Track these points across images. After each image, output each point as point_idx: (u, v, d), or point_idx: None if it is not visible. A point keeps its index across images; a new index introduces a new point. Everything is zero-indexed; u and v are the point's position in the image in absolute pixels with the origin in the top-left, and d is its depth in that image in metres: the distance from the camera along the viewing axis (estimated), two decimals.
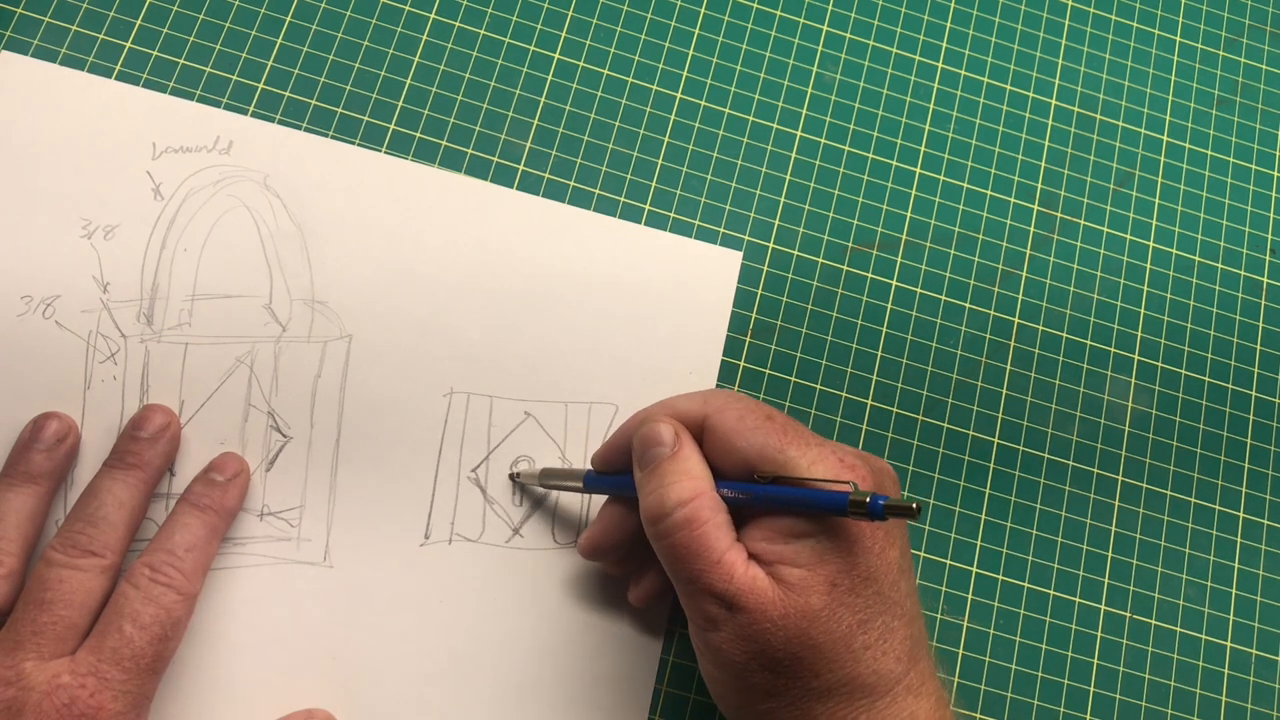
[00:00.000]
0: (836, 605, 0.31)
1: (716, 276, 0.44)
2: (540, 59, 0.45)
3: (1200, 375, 0.46)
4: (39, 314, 0.39)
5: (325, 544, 0.39)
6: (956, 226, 0.46)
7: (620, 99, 0.45)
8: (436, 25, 0.45)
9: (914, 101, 0.47)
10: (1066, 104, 0.49)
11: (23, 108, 0.41)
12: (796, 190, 0.45)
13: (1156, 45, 0.50)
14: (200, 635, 0.37)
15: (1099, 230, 0.47)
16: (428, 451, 0.40)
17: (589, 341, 0.42)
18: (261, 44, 0.44)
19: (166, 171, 0.41)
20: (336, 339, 0.40)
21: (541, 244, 0.43)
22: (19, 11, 0.43)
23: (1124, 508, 0.44)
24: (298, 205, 0.41)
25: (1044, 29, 0.49)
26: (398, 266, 0.41)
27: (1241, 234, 0.48)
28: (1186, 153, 0.49)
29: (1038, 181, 0.47)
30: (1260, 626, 0.43)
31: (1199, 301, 0.47)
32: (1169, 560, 0.44)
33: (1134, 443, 0.45)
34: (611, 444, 0.37)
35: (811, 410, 0.43)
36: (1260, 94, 0.50)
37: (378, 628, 0.38)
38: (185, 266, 0.40)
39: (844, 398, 0.44)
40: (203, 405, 0.39)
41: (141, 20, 0.43)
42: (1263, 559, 0.44)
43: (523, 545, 0.40)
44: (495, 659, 0.38)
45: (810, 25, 0.48)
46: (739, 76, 0.46)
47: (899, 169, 0.46)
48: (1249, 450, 0.46)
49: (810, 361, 0.44)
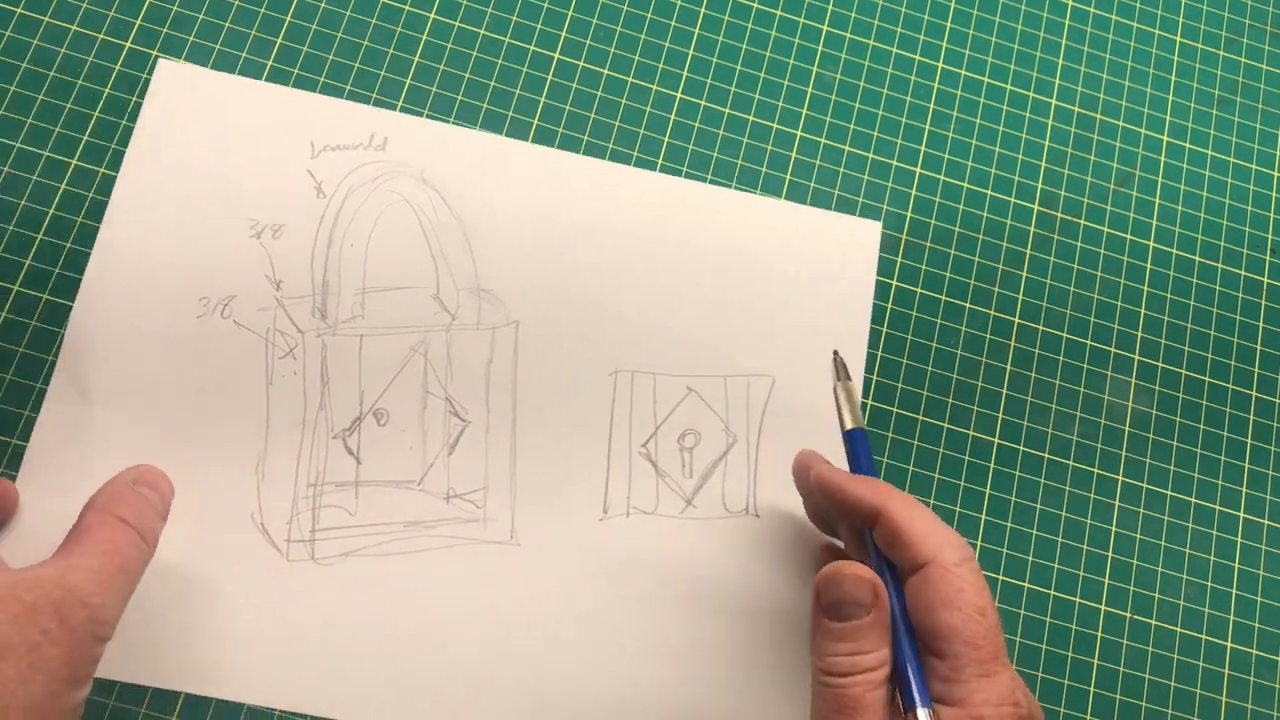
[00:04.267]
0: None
1: (858, 247, 0.45)
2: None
3: (1200, 375, 0.46)
4: (217, 314, 0.40)
5: (511, 523, 0.40)
6: (956, 226, 0.46)
7: None
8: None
9: (914, 101, 0.47)
10: (1066, 104, 0.49)
11: (184, 113, 0.42)
12: (797, 190, 0.45)
13: (1156, 45, 0.50)
14: (401, 616, 0.39)
15: (1099, 230, 0.47)
16: (598, 429, 0.41)
17: (741, 316, 0.43)
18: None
19: (326, 170, 0.42)
20: (504, 325, 0.42)
21: (688, 223, 0.44)
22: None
23: (1124, 508, 0.44)
24: (455, 197, 0.42)
25: (1044, 29, 0.49)
26: (555, 252, 0.42)
27: (1241, 234, 0.48)
28: (1186, 153, 0.49)
29: (1038, 181, 0.47)
30: (1260, 626, 0.43)
31: (1199, 301, 0.47)
32: (1169, 560, 0.44)
33: (1134, 443, 0.45)
34: (808, 484, 0.37)
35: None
36: (1260, 94, 0.50)
37: (567, 600, 0.40)
38: (353, 261, 0.41)
39: None
40: (382, 394, 0.40)
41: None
42: (1263, 559, 0.44)
43: (696, 515, 0.41)
44: (680, 625, 0.40)
45: (810, 25, 0.48)
46: (739, 76, 0.46)
47: (899, 169, 0.46)
48: (1249, 450, 0.46)
49: None
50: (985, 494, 0.43)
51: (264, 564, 0.38)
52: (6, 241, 0.41)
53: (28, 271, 0.41)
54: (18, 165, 0.41)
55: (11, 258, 0.41)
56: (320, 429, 0.40)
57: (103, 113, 0.42)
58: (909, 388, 0.44)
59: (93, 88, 0.42)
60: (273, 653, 0.38)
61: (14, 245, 0.41)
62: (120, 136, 0.42)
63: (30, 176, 0.41)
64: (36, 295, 0.40)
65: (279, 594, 0.38)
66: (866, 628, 0.33)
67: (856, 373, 0.43)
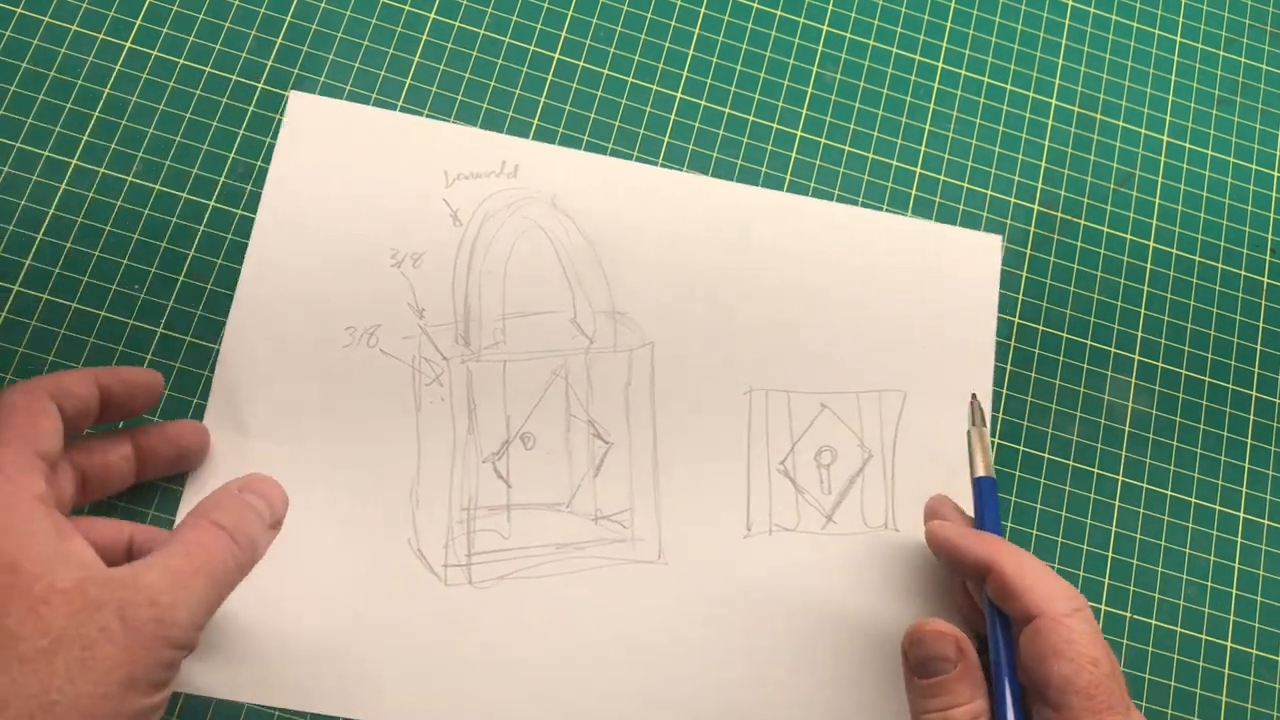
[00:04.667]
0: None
1: (981, 260, 0.45)
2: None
3: (1200, 375, 0.46)
4: (363, 343, 0.41)
5: (658, 542, 0.41)
6: (956, 226, 0.46)
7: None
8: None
9: (914, 101, 0.47)
10: (1066, 104, 0.49)
11: (320, 145, 0.43)
12: (796, 190, 0.45)
13: (1156, 45, 0.50)
14: (554, 636, 0.39)
15: (1099, 230, 0.47)
16: (737, 447, 0.42)
17: (870, 331, 0.44)
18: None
19: (460, 197, 0.43)
20: (640, 347, 0.42)
21: (814, 240, 0.44)
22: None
23: (1124, 508, 0.44)
24: (586, 221, 0.43)
25: (1044, 29, 0.49)
26: (687, 274, 0.43)
27: (1241, 234, 0.48)
28: (1186, 153, 0.49)
29: (1038, 181, 0.47)
30: (1260, 626, 0.43)
31: (1199, 301, 0.47)
32: (1169, 560, 0.44)
33: (1134, 443, 0.45)
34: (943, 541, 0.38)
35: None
36: (1260, 94, 0.50)
37: (715, 618, 0.40)
38: (492, 288, 0.42)
39: None
40: (528, 418, 0.41)
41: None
42: (1263, 559, 0.44)
43: (837, 531, 0.42)
44: (827, 641, 0.40)
45: (810, 25, 0.48)
46: (739, 76, 0.46)
47: (899, 169, 0.46)
48: (1249, 450, 0.46)
49: None
50: None
51: (423, 589, 0.39)
52: (6, 241, 0.41)
53: (28, 271, 0.41)
54: (17, 165, 0.41)
55: (11, 258, 0.41)
56: (470, 454, 0.40)
57: (103, 113, 0.42)
58: None
59: (93, 88, 0.42)
60: (431, 675, 0.38)
61: (14, 245, 0.41)
62: (121, 136, 0.42)
63: (30, 176, 0.41)
64: (36, 295, 0.40)
65: (439, 618, 0.39)
66: (955, 681, 0.34)
67: (985, 387, 0.44)
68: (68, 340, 0.40)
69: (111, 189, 0.42)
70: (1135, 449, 0.45)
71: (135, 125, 0.42)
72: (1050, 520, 0.44)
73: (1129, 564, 0.43)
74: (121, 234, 0.41)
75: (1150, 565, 0.44)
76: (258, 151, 0.43)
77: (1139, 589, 0.43)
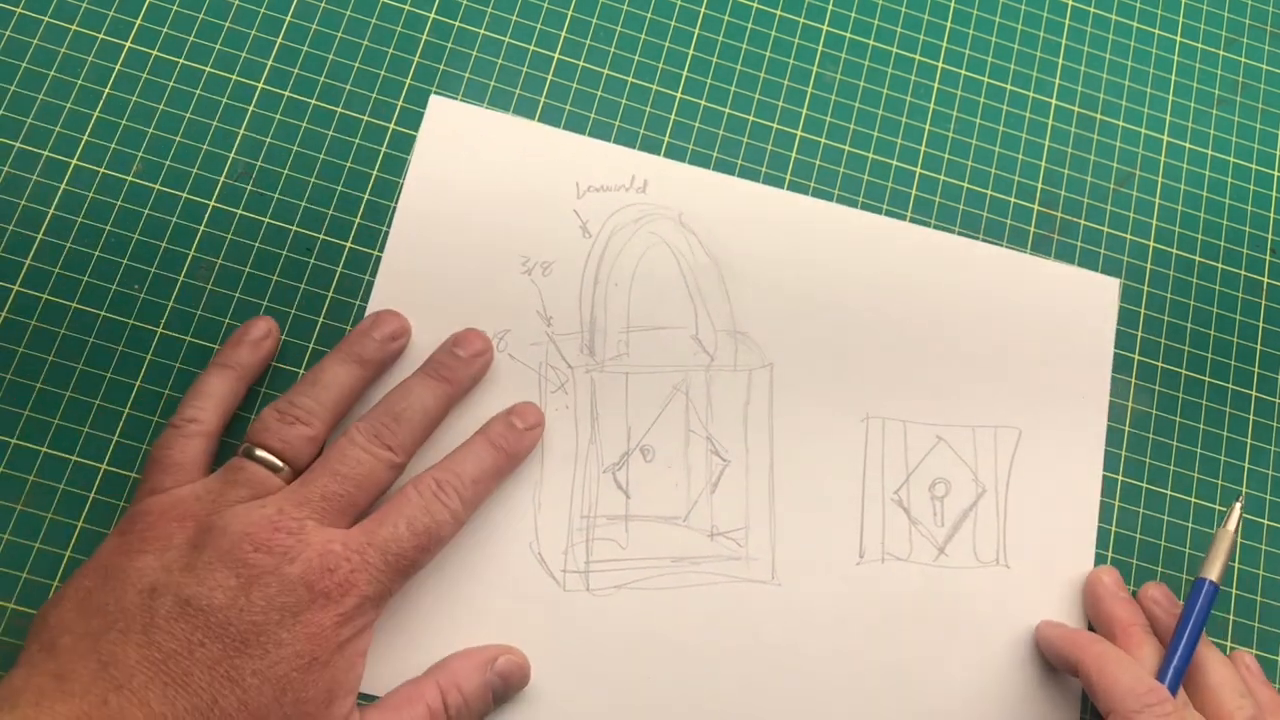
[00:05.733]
0: None
1: (1097, 303, 0.46)
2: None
3: (1200, 375, 0.46)
4: (494, 347, 0.41)
5: (772, 563, 0.41)
6: (956, 227, 0.46)
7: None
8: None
9: (914, 101, 0.47)
10: (1066, 104, 0.49)
11: (457, 150, 0.43)
12: (796, 190, 0.45)
13: (1156, 45, 0.50)
14: (666, 650, 0.39)
15: (1099, 230, 0.47)
16: (853, 473, 0.42)
17: (986, 366, 0.44)
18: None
19: (591, 209, 0.43)
20: (760, 368, 0.42)
21: (936, 272, 0.45)
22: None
23: (1124, 508, 0.44)
24: (711, 240, 0.43)
25: (1044, 29, 0.49)
26: (808, 297, 0.44)
27: (1241, 234, 0.48)
28: (1186, 153, 0.49)
29: (1038, 181, 0.47)
30: (1260, 627, 0.43)
31: (1199, 301, 0.47)
32: (1169, 560, 0.44)
33: (1134, 443, 0.45)
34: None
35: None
36: (1260, 94, 0.50)
37: (826, 642, 0.40)
38: (617, 300, 0.42)
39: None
40: (648, 431, 0.41)
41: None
42: (1263, 559, 0.44)
43: (948, 564, 0.42)
44: (936, 673, 0.40)
45: (810, 25, 0.48)
46: (739, 76, 0.46)
47: (899, 169, 0.46)
48: (1249, 450, 0.46)
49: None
50: None
51: (542, 592, 0.39)
52: (6, 241, 0.41)
53: (27, 271, 0.41)
54: (17, 165, 0.41)
55: (11, 258, 0.41)
56: (591, 462, 0.41)
57: (103, 113, 0.42)
58: None
59: (93, 88, 0.42)
60: (543, 678, 0.38)
61: (14, 245, 0.41)
62: (121, 136, 0.42)
63: (30, 176, 0.41)
64: (36, 295, 0.40)
65: (556, 623, 0.39)
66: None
67: (1098, 432, 0.44)
68: (68, 340, 0.40)
69: (111, 189, 0.42)
70: (1135, 449, 0.45)
71: (135, 125, 0.42)
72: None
73: (1129, 564, 0.43)
74: (121, 234, 0.41)
75: (1150, 565, 0.44)
76: (258, 151, 0.43)
77: (1138, 589, 0.43)
